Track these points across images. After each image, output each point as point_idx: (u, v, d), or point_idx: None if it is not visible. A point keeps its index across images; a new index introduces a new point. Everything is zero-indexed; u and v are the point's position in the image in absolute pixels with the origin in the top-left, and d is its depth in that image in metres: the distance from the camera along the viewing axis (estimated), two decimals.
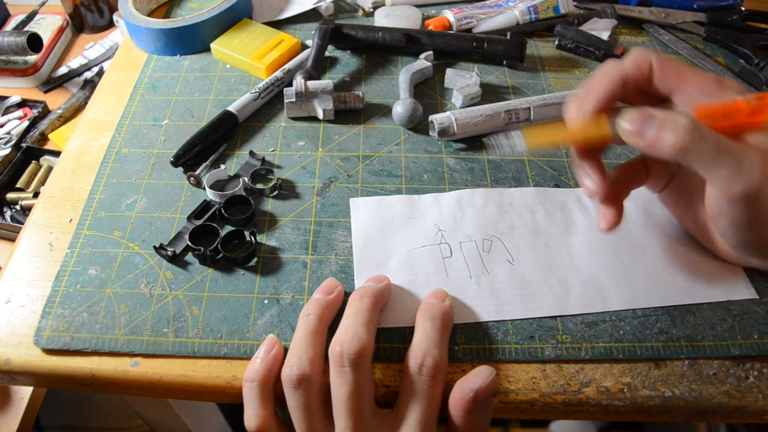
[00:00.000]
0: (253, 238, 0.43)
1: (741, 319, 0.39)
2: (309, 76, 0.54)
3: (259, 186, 0.47)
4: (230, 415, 0.85)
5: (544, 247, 0.43)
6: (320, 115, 0.53)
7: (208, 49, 0.60)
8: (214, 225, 0.44)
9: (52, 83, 0.83)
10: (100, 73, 0.84)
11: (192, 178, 0.47)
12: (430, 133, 0.52)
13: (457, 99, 0.55)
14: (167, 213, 0.46)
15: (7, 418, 0.53)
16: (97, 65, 0.86)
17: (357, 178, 0.48)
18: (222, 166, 0.49)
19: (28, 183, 0.70)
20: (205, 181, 0.47)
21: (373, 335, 0.36)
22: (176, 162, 0.48)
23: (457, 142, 0.51)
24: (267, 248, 0.44)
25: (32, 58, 0.81)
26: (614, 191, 0.39)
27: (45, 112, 0.78)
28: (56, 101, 0.80)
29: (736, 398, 0.36)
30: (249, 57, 0.57)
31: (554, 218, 0.45)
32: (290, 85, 0.54)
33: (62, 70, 0.85)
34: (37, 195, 0.68)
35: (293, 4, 0.66)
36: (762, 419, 0.36)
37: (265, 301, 0.41)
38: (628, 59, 0.37)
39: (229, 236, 0.44)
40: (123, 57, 0.61)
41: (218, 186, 0.48)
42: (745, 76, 0.58)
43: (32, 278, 0.42)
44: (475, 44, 0.58)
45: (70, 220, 0.46)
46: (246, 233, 0.44)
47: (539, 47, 0.62)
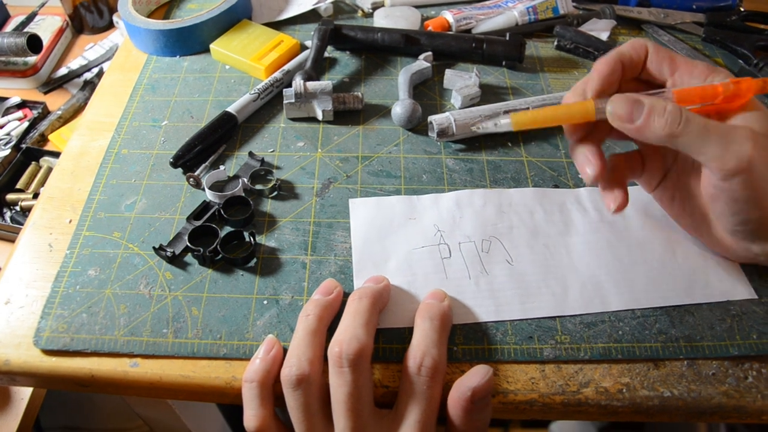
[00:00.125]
0: (252, 239, 0.43)
1: (740, 320, 0.39)
2: (308, 77, 0.54)
3: (259, 187, 0.47)
4: (230, 415, 0.85)
5: (543, 248, 0.43)
6: (319, 116, 0.53)
7: (207, 50, 0.60)
8: (214, 226, 0.44)
9: (52, 84, 0.83)
10: (100, 74, 0.84)
11: (191, 179, 0.47)
12: (429, 133, 0.52)
13: (456, 100, 0.55)
14: (167, 214, 0.46)
15: (7, 419, 0.53)
16: (96, 66, 0.86)
17: (356, 179, 0.48)
18: (221, 167, 0.49)
19: (28, 184, 0.70)
20: (205, 181, 0.47)
21: (372, 336, 0.36)
22: (176, 163, 0.49)
23: (456, 142, 0.51)
24: (266, 249, 0.44)
25: (32, 59, 0.82)
26: (613, 177, 0.39)
27: (45, 113, 0.79)
28: (56, 102, 0.80)
29: (735, 398, 0.36)
30: (248, 58, 0.58)
31: (553, 219, 0.45)
32: (289, 86, 0.54)
33: (62, 71, 0.85)
34: (36, 196, 0.68)
35: (292, 5, 0.66)
36: (761, 419, 0.36)
37: (265, 302, 0.41)
38: (625, 44, 0.39)
39: (228, 237, 0.44)
40: (122, 58, 0.61)
41: (217, 187, 0.48)
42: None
43: (32, 279, 0.42)
44: (474, 45, 0.58)
45: (70, 221, 0.46)
46: (245, 234, 0.44)
47: (538, 48, 0.62)
